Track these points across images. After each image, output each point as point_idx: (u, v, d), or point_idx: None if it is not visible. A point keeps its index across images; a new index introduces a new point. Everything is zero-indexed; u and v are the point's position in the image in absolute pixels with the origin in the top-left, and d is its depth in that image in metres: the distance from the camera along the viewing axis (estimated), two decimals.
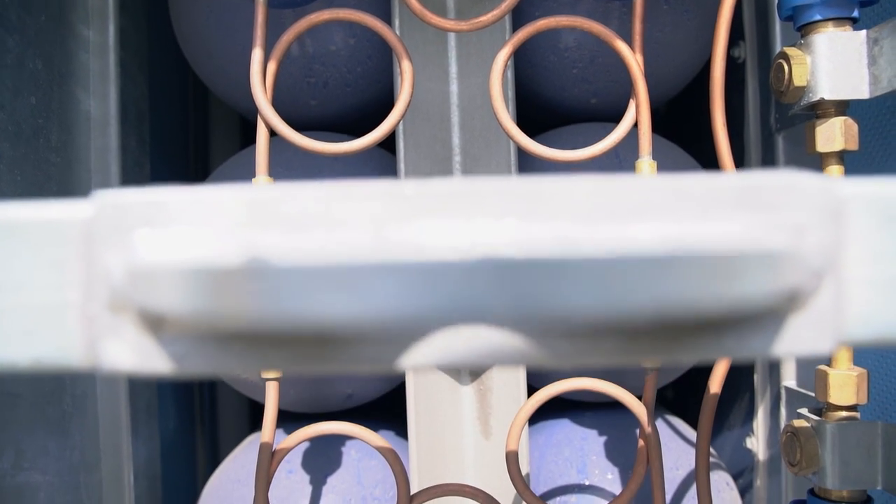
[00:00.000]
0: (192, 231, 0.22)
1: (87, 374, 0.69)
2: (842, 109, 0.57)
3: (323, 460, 0.72)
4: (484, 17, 0.57)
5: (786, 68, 0.57)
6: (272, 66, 0.58)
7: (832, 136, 0.56)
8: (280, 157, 0.69)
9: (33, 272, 0.27)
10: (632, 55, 0.57)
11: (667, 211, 0.19)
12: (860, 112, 0.64)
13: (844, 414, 0.57)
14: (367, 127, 0.57)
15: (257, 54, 0.57)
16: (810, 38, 0.56)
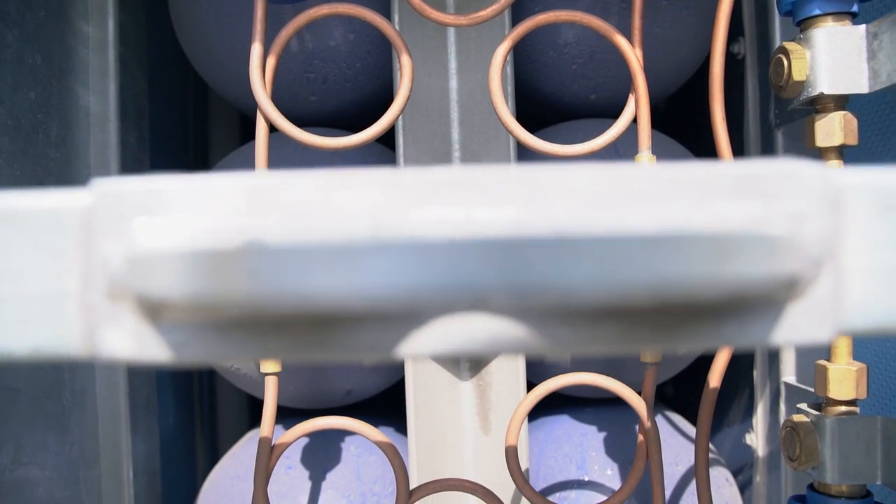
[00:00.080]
0: (191, 217, 0.22)
1: (87, 369, 0.69)
2: (841, 104, 0.57)
3: (322, 456, 0.72)
4: (483, 12, 0.57)
5: (785, 63, 0.57)
6: (271, 61, 0.58)
7: (831, 130, 0.56)
8: (279, 152, 0.69)
9: (32, 261, 0.27)
10: (631, 50, 0.57)
11: (665, 196, 0.19)
12: (859, 107, 0.64)
13: (844, 408, 0.57)
14: (366, 123, 0.57)
15: (256, 49, 0.57)
16: (810, 33, 0.56)
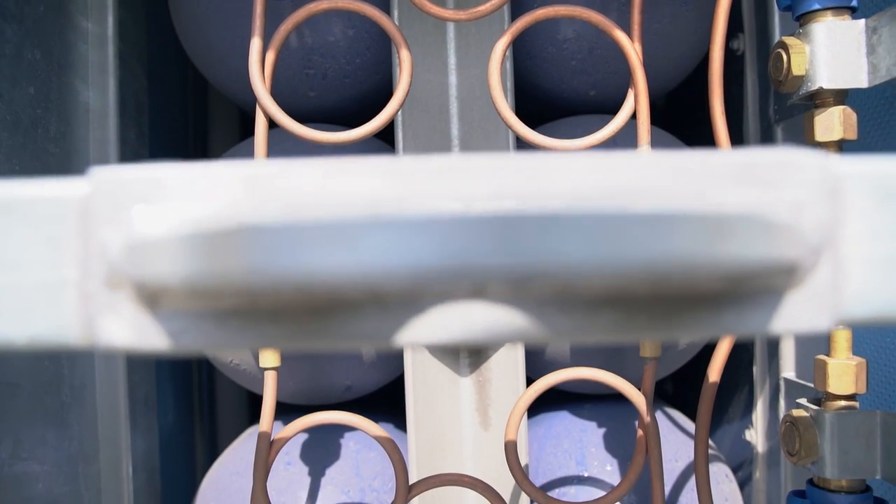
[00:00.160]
0: (188, 202, 0.22)
1: (86, 364, 0.69)
2: (840, 99, 0.57)
3: (322, 452, 0.72)
4: (483, 7, 0.57)
5: (784, 57, 0.57)
6: (271, 56, 0.58)
7: (831, 125, 0.56)
8: (279, 147, 0.69)
9: (30, 250, 0.27)
10: (630, 45, 0.57)
11: (664, 180, 0.19)
12: (859, 103, 0.64)
13: (843, 403, 0.57)
14: (365, 119, 0.57)
15: (256, 44, 0.57)
16: (809, 28, 0.56)
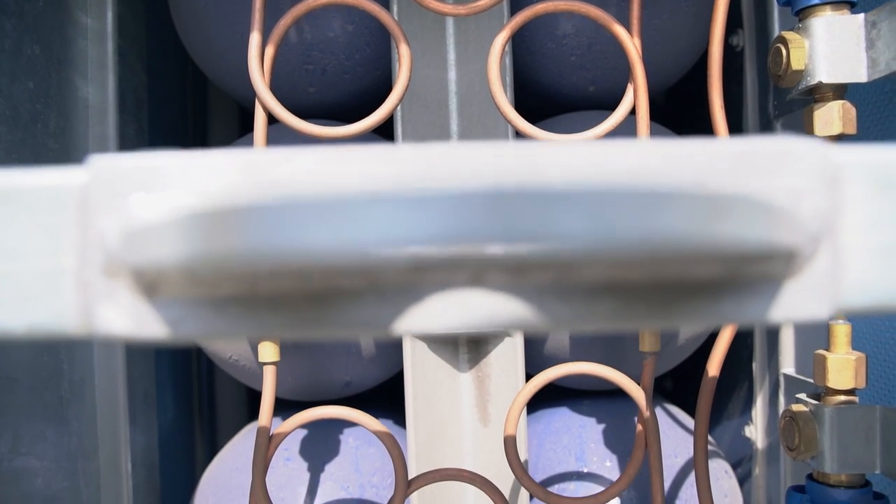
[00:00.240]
0: (186, 186, 0.22)
1: (85, 360, 0.69)
2: (840, 93, 0.57)
3: (321, 448, 0.72)
4: (482, 2, 0.57)
5: (784, 52, 0.57)
6: (270, 51, 0.58)
7: (830, 119, 0.56)
8: (278, 143, 0.69)
9: (28, 238, 0.27)
10: (629, 39, 0.57)
11: (663, 165, 0.19)
12: (858, 99, 0.64)
13: (843, 398, 0.57)
14: (365, 115, 0.57)
15: (255, 38, 0.57)
16: (808, 22, 0.56)
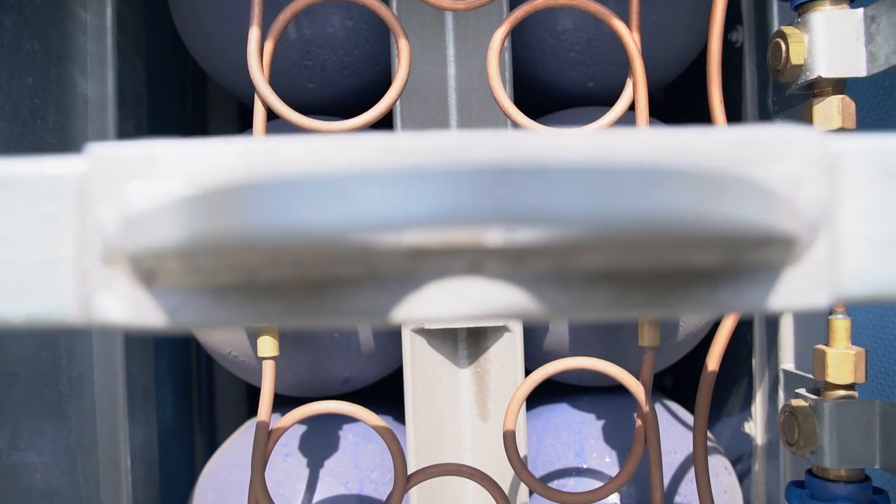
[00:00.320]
0: (184, 172, 0.22)
1: (84, 356, 0.68)
2: (839, 88, 0.57)
3: (320, 444, 0.72)
4: None
5: (783, 47, 0.57)
6: (269, 46, 0.57)
7: (829, 114, 0.56)
8: None
9: (27, 228, 0.27)
10: (629, 34, 0.57)
11: (661, 149, 0.19)
12: (858, 93, 0.63)
13: (842, 393, 0.57)
14: (364, 111, 0.57)
15: (254, 33, 0.57)
16: (807, 17, 0.56)
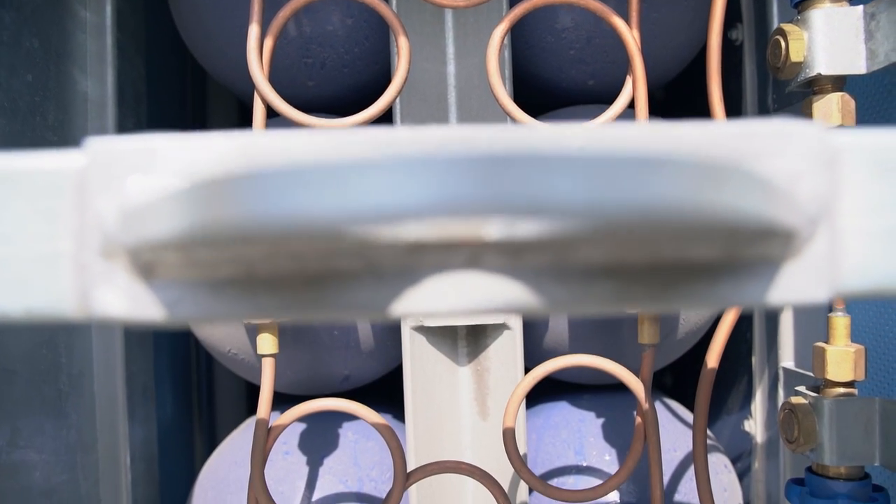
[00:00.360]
0: (183, 163, 0.22)
1: (84, 353, 0.68)
2: (839, 85, 0.57)
3: (320, 442, 0.72)
4: None
5: (782, 44, 0.57)
6: (269, 43, 0.57)
7: (829, 111, 0.56)
8: None
9: (25, 222, 0.27)
10: (628, 31, 0.57)
11: (660, 142, 0.19)
12: (857, 91, 0.63)
13: (842, 390, 0.57)
14: (363, 109, 0.57)
15: (254, 30, 0.57)
16: (807, 14, 0.56)
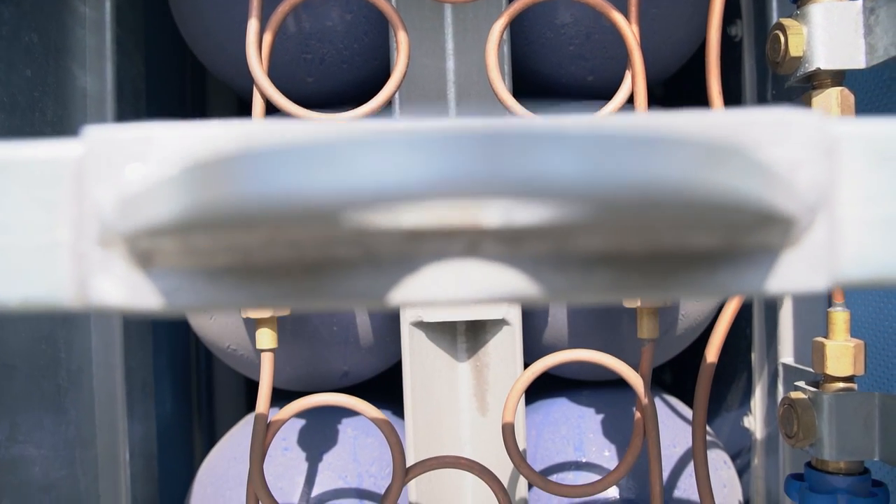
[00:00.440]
0: (180, 157, 0.22)
1: (83, 349, 0.68)
2: (838, 80, 0.57)
3: (319, 438, 0.72)
4: None
5: (782, 39, 0.57)
6: (268, 38, 0.57)
7: (828, 106, 0.56)
8: None
9: (23, 212, 0.27)
10: (627, 26, 0.57)
11: (659, 126, 0.19)
12: (857, 86, 0.63)
13: (841, 385, 0.57)
14: (363, 105, 0.57)
15: (253, 25, 0.57)
16: (806, 9, 0.56)
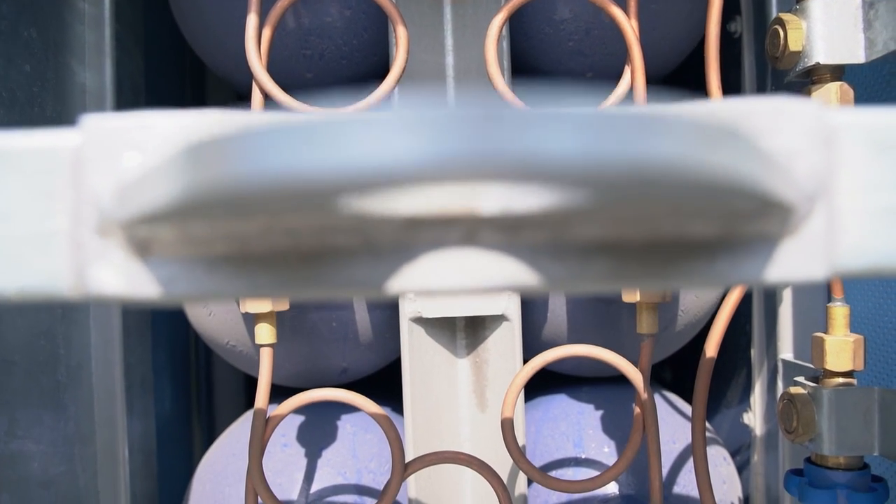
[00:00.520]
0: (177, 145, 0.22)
1: (82, 344, 0.68)
2: (837, 74, 0.57)
3: (318, 434, 0.72)
4: None
5: (781, 34, 0.57)
6: (267, 33, 0.57)
7: (828, 100, 0.56)
8: None
9: (21, 201, 0.27)
10: (626, 20, 0.57)
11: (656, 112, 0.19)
12: (856, 81, 0.63)
13: (841, 380, 0.57)
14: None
15: (252, 20, 0.57)
16: (806, 4, 0.56)
